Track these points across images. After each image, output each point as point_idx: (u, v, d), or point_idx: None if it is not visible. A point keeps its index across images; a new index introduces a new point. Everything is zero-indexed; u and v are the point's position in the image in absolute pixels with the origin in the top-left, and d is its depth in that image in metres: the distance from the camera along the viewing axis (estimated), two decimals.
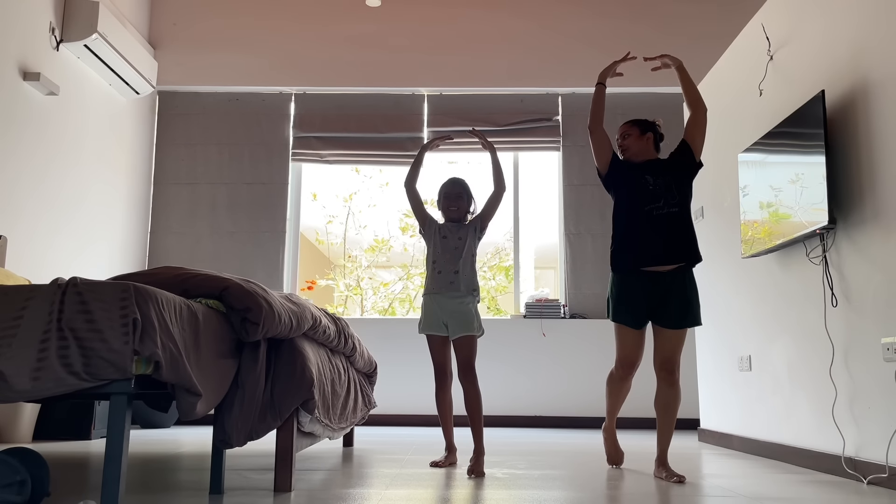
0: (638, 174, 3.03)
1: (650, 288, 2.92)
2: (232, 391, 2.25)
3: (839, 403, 3.02)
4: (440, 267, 3.16)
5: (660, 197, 2.96)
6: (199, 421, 5.70)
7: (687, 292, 2.91)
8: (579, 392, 5.63)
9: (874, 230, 2.81)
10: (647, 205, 2.96)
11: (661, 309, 2.91)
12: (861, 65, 2.94)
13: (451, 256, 3.16)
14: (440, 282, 3.14)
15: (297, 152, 6.10)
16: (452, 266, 3.14)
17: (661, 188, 2.97)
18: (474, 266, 3.21)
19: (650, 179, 3.00)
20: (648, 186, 2.99)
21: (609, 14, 6.15)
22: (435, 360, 3.19)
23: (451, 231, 3.22)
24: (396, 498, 2.31)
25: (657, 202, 2.95)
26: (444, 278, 3.13)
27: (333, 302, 7.57)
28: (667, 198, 2.96)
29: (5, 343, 1.71)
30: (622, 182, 3.05)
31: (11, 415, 3.99)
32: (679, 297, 2.89)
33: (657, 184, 2.99)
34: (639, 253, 2.93)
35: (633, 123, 3.16)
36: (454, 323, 3.09)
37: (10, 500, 1.85)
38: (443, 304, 3.12)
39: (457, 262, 3.15)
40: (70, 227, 4.92)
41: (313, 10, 6.19)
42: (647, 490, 2.56)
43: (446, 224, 3.26)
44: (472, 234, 3.22)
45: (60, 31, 4.81)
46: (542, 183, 6.45)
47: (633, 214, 2.98)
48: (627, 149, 3.12)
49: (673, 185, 2.98)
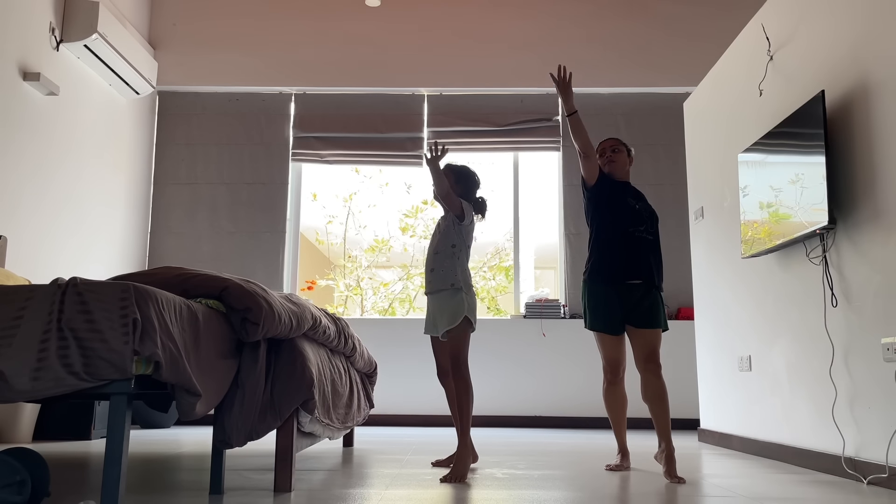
0: (621, 195, 3.21)
1: (625, 296, 3.11)
2: (232, 391, 2.25)
3: (839, 403, 3.02)
4: (426, 265, 3.17)
5: (643, 221, 3.18)
6: (199, 421, 5.70)
7: (655, 300, 3.13)
8: (579, 392, 5.63)
9: (874, 230, 2.81)
10: (631, 226, 3.16)
11: (635, 313, 3.10)
12: (861, 65, 2.94)
13: (431, 252, 3.14)
14: (426, 279, 3.14)
15: (297, 152, 6.10)
16: (430, 263, 3.12)
17: (644, 214, 3.20)
18: (456, 258, 3.07)
19: (633, 203, 3.20)
20: (634, 208, 3.18)
21: (609, 14, 6.15)
22: (435, 359, 3.20)
23: (439, 224, 3.19)
24: (396, 498, 2.31)
25: (640, 226, 3.17)
26: (426, 276, 3.14)
27: (333, 302, 7.57)
28: (648, 224, 3.19)
29: (5, 343, 1.71)
30: (606, 199, 3.20)
31: (11, 415, 3.99)
32: (650, 303, 3.10)
33: (642, 208, 3.21)
34: (619, 269, 3.12)
35: (621, 143, 3.34)
36: (438, 320, 3.06)
37: (10, 500, 1.85)
38: (431, 303, 3.13)
39: (433, 258, 3.10)
40: (70, 227, 4.92)
41: (313, 10, 6.19)
42: (648, 490, 2.56)
43: (442, 216, 3.22)
44: (451, 223, 3.12)
45: (60, 31, 4.81)
46: (542, 183, 6.45)
47: (617, 233, 3.16)
48: (614, 163, 3.27)
49: (650, 214, 3.22)
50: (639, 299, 3.11)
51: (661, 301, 3.15)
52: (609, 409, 3.22)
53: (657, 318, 3.10)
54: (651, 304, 3.10)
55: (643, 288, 3.12)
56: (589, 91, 6.07)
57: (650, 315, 3.09)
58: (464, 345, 2.99)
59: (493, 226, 6.95)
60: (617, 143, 3.31)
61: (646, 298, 3.11)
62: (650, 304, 3.10)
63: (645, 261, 3.13)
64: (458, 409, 2.93)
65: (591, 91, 6.07)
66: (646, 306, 3.09)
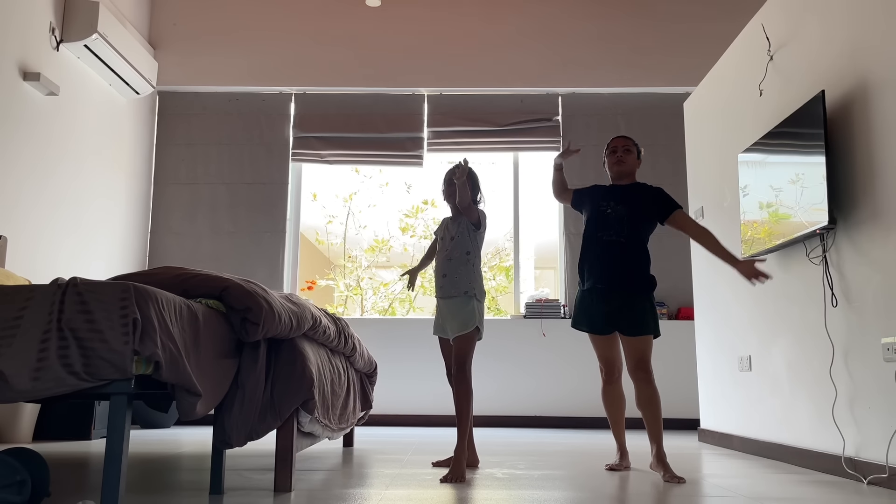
0: (598, 201, 3.19)
1: (607, 300, 3.08)
2: (232, 391, 2.25)
3: (839, 403, 3.02)
4: (436, 268, 3.16)
5: (610, 226, 3.11)
6: (199, 421, 5.70)
7: (641, 306, 3.04)
8: (579, 392, 5.63)
9: (874, 230, 2.81)
10: (599, 231, 3.13)
11: (622, 320, 3.05)
12: (861, 65, 2.94)
13: (442, 258, 3.14)
14: (437, 284, 3.14)
15: (297, 152, 6.10)
16: (442, 269, 3.12)
17: (613, 218, 3.12)
18: (471, 265, 3.08)
19: (605, 207, 3.15)
20: (604, 213, 3.14)
21: (609, 14, 6.15)
22: (444, 360, 3.27)
23: (448, 229, 3.19)
24: (396, 498, 2.31)
25: (607, 230, 3.11)
26: (438, 281, 3.13)
27: (333, 302, 7.57)
28: (617, 228, 3.10)
29: (5, 343, 1.71)
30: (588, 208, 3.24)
31: (11, 415, 3.99)
32: (635, 309, 3.04)
33: (616, 210, 3.13)
34: (590, 274, 3.14)
35: (633, 142, 3.25)
36: (448, 324, 3.09)
37: (10, 500, 1.85)
38: (442, 307, 3.13)
39: (446, 263, 3.10)
40: (70, 227, 4.92)
41: (313, 10, 6.19)
42: (648, 490, 2.56)
43: (449, 219, 3.23)
44: (465, 230, 3.11)
45: (60, 31, 4.81)
46: (542, 183, 6.44)
47: (588, 239, 3.18)
48: (623, 163, 3.20)
49: (627, 216, 3.10)
50: (619, 306, 3.05)
51: (648, 307, 3.06)
52: (607, 408, 3.20)
53: (642, 325, 3.02)
54: (636, 311, 3.03)
55: (624, 294, 3.05)
56: (589, 91, 6.07)
57: (635, 322, 3.02)
58: (470, 351, 3.00)
59: (493, 226, 6.95)
60: (629, 144, 3.23)
61: (629, 305, 3.04)
62: (635, 311, 3.03)
63: (610, 266, 3.07)
64: (457, 414, 2.94)
65: (591, 91, 6.07)
66: (630, 313, 3.03)
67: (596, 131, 6.01)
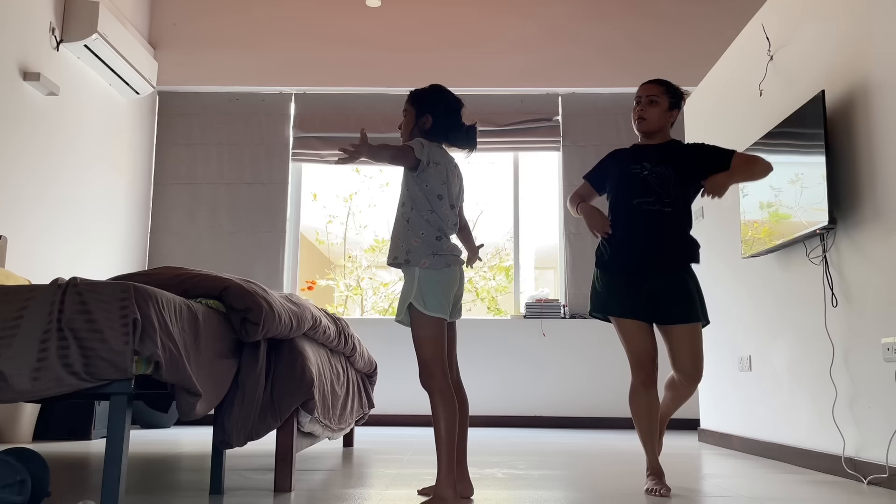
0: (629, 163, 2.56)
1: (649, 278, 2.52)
2: (232, 391, 2.25)
3: (839, 404, 3.02)
4: None
5: (651, 190, 2.50)
6: (199, 421, 5.70)
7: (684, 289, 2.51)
8: (579, 392, 5.63)
9: (874, 230, 2.81)
10: (636, 197, 2.49)
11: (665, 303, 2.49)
12: (861, 65, 2.94)
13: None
14: None
15: (297, 152, 6.10)
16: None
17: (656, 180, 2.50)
18: (405, 220, 2.25)
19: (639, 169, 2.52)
20: (639, 176, 2.50)
21: (609, 14, 6.15)
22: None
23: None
24: (396, 498, 2.31)
25: (647, 196, 2.48)
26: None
27: (333, 302, 7.57)
28: (661, 193, 2.49)
29: (5, 343, 1.71)
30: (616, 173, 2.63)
31: (11, 415, 3.99)
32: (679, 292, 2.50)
33: (655, 172, 2.50)
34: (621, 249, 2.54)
35: (665, 90, 2.55)
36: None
37: (10, 500, 1.85)
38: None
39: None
40: (70, 227, 4.92)
41: (313, 10, 6.19)
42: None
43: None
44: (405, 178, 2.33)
45: (60, 31, 4.81)
46: (542, 183, 6.44)
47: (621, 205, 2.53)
48: (644, 120, 2.57)
49: (673, 178, 2.50)
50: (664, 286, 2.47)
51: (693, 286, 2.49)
52: (641, 418, 2.51)
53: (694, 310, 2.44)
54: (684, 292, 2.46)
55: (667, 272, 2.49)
56: (589, 91, 6.07)
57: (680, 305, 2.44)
58: (424, 342, 2.15)
59: (493, 226, 6.95)
60: (656, 92, 2.54)
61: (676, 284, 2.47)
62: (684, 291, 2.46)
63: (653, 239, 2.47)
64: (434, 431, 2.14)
65: (591, 91, 6.07)
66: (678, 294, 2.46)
67: (596, 131, 6.01)
